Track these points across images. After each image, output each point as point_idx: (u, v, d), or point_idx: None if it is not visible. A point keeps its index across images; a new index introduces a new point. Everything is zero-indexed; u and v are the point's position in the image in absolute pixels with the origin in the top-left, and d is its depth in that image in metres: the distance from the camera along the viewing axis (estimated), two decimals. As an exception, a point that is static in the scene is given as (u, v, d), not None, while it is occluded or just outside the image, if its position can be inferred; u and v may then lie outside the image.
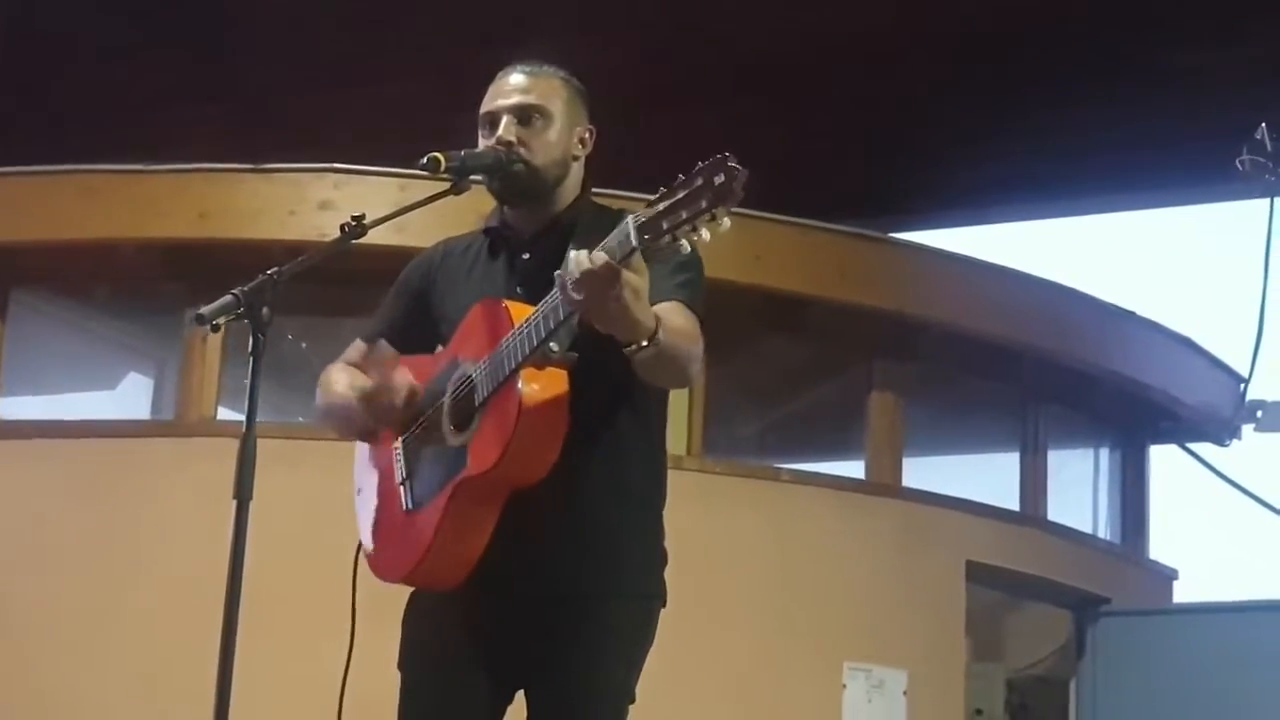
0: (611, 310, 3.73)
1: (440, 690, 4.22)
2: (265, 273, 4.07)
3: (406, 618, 4.31)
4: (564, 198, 4.32)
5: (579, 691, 4.15)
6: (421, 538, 4.17)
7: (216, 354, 8.59)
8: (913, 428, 9.59)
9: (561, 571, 4.15)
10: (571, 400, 4.03)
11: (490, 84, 4.36)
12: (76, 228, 8.85)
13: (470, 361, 4.15)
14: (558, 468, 4.05)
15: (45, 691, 7.82)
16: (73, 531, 8.39)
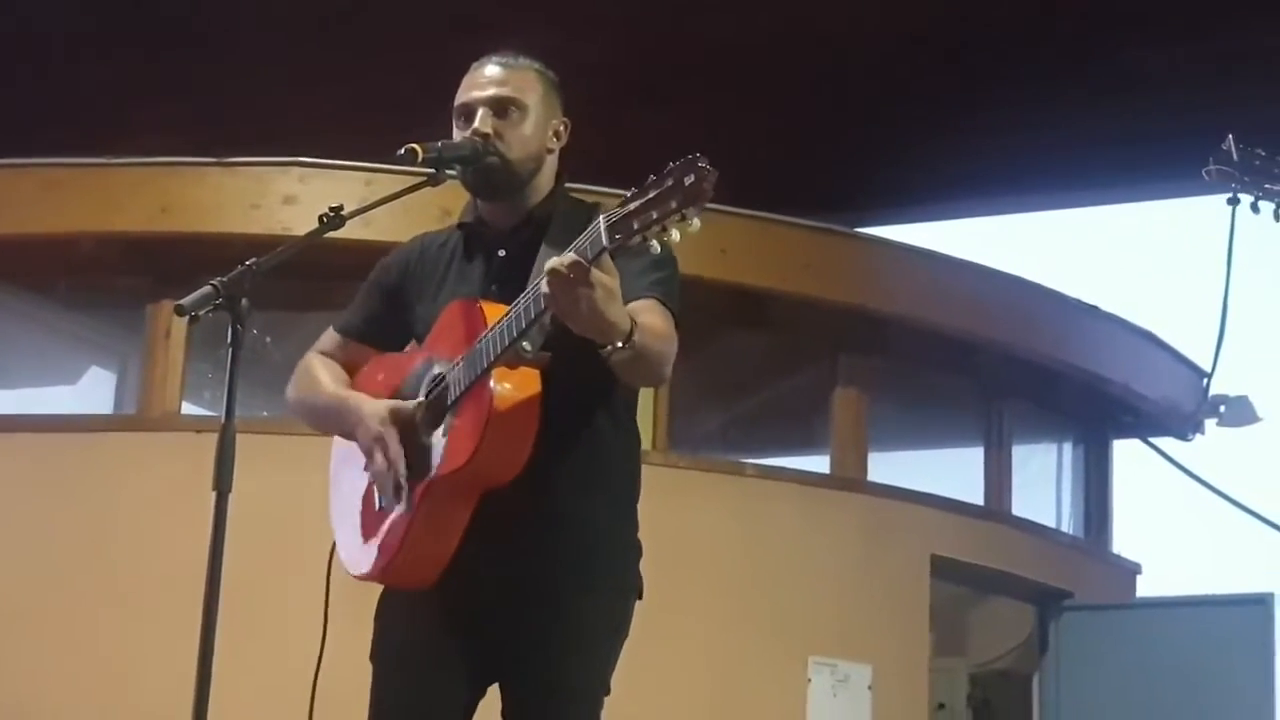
0: (583, 311, 3.73)
1: (413, 684, 4.22)
2: (244, 264, 4.09)
3: (379, 611, 4.32)
4: (539, 191, 4.32)
5: (554, 685, 4.17)
6: (395, 536, 4.19)
7: (180, 349, 8.58)
8: (877, 422, 9.61)
9: (535, 568, 4.16)
10: (545, 399, 4.04)
11: (464, 76, 4.36)
12: (37, 221, 8.83)
13: (444, 361, 4.17)
14: (531, 466, 4.06)
15: (12, 681, 7.81)
16: (36, 525, 8.36)
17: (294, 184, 8.39)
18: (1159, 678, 9.63)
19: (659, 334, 4.00)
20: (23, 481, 8.52)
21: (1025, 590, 10.05)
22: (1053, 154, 11.83)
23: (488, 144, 4.23)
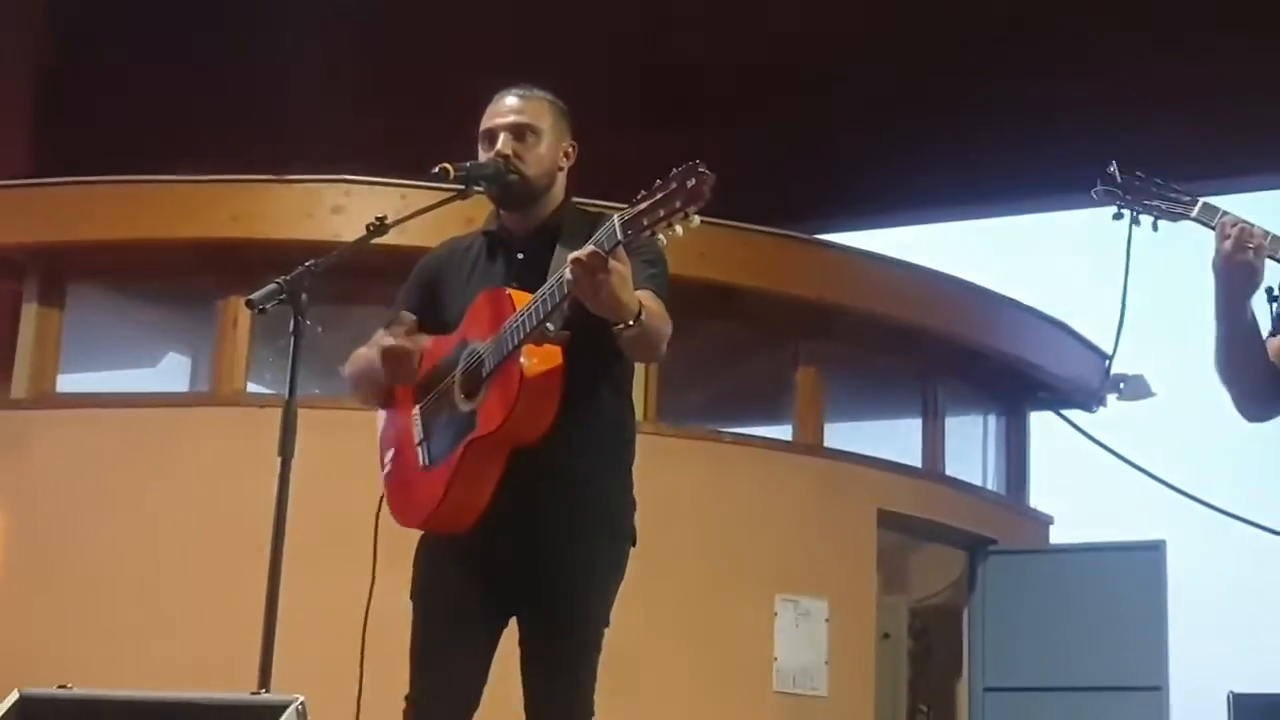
0: (602, 295, 3.78)
1: (447, 617, 4.22)
2: (303, 265, 4.12)
3: (418, 556, 4.32)
4: (551, 203, 4.34)
5: (563, 617, 4.18)
6: (437, 489, 4.19)
7: (246, 336, 8.58)
8: (832, 397, 9.62)
9: (552, 518, 4.17)
10: (565, 371, 4.08)
11: (488, 107, 4.35)
12: (125, 229, 8.84)
13: (478, 341, 4.17)
14: (552, 429, 4.09)
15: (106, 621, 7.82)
16: (123, 487, 8.38)
17: (341, 197, 8.39)
18: (1068, 612, 9.66)
19: (659, 315, 4.03)
20: (111, 450, 8.54)
21: (956, 538, 10.05)
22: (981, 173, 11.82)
23: (509, 163, 4.24)
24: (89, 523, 8.34)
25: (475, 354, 4.16)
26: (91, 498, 8.43)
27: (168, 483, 8.33)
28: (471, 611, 4.21)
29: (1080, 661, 9.49)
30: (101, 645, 7.55)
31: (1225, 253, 3.98)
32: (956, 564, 10.15)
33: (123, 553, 8.20)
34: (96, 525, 8.32)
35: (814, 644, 9.00)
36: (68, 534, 8.36)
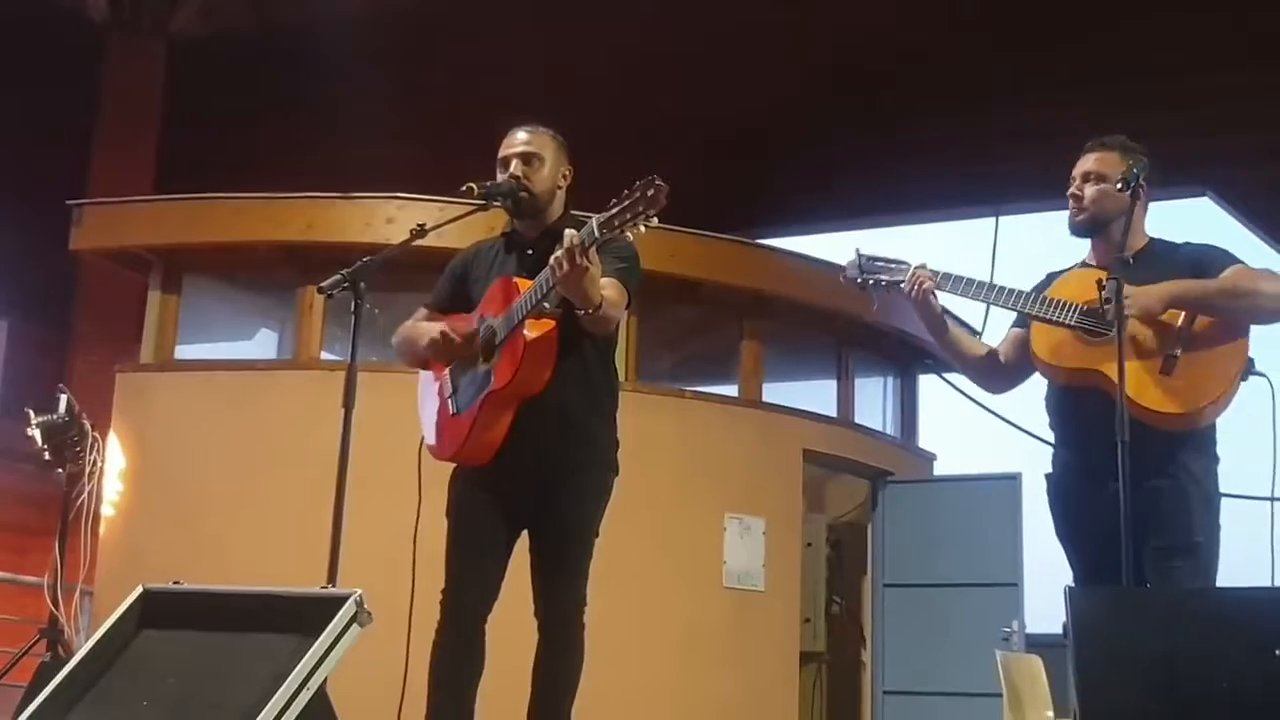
0: (574, 286, 3.86)
1: (474, 529, 4.24)
2: (361, 260, 4.14)
3: (451, 484, 4.34)
4: (553, 213, 4.37)
5: (563, 530, 4.22)
6: (463, 430, 4.22)
7: (319, 316, 8.58)
8: (768, 363, 9.61)
9: (552, 453, 4.19)
10: (557, 339, 4.11)
11: (504, 139, 4.38)
12: (227, 234, 8.87)
13: (493, 317, 4.19)
14: (550, 384, 4.12)
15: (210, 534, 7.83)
16: (228, 432, 8.40)
17: (393, 210, 8.37)
18: (946, 527, 9.67)
19: (614, 303, 4.07)
20: (215, 403, 8.59)
21: (863, 471, 10.05)
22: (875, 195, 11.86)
23: (520, 183, 4.27)
24: (198, 459, 8.39)
25: (490, 327, 4.19)
26: (200, 439, 8.47)
27: (259, 428, 8.36)
28: (493, 526, 4.23)
29: (956, 564, 9.49)
30: (206, 553, 7.55)
31: (911, 298, 4.38)
32: (862, 491, 10.16)
33: (224, 482, 8.23)
34: (204, 461, 8.36)
35: (754, 551, 9.01)
36: (182, 468, 8.40)
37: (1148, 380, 3.93)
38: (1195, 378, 3.95)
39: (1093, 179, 4.16)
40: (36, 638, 6.77)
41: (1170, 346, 3.95)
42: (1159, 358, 3.95)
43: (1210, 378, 3.96)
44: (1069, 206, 4.23)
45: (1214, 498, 4.02)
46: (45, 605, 6.79)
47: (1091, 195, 4.15)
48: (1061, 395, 4.16)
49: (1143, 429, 3.83)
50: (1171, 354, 3.94)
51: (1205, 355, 3.97)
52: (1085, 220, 4.18)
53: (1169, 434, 3.95)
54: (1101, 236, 4.16)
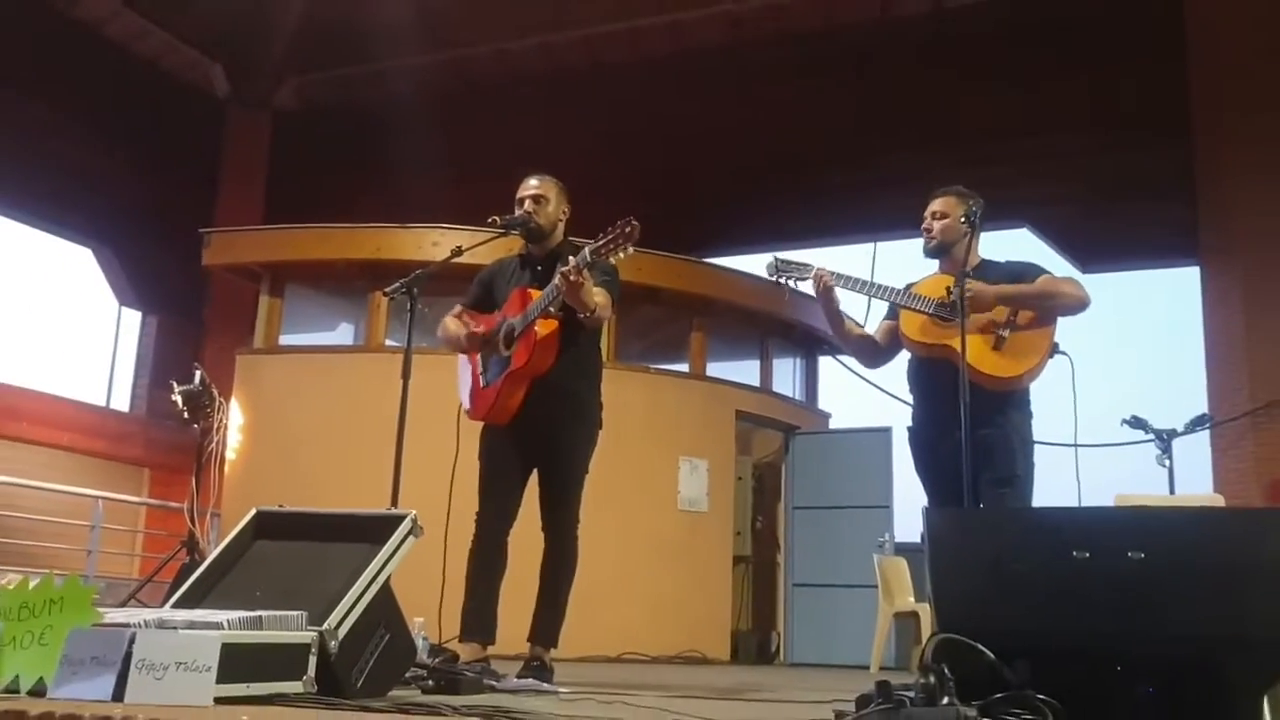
0: (575, 295, 3.84)
1: (498, 468, 4.21)
2: (415, 273, 4.10)
3: (481, 437, 4.30)
4: (556, 239, 4.31)
5: (563, 469, 4.19)
6: (490, 398, 4.18)
7: (384, 314, 8.56)
8: (711, 348, 9.62)
9: (554, 416, 4.15)
10: (559, 333, 4.07)
11: (520, 183, 4.32)
12: (318, 253, 8.89)
13: (513, 317, 4.15)
14: (554, 366, 4.08)
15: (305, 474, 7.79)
16: (315, 398, 8.38)
17: (437, 236, 8.33)
18: (838, 467, 9.69)
19: (604, 307, 4.04)
20: (309, 377, 8.58)
21: (778, 425, 10.06)
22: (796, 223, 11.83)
23: (531, 217, 4.22)
24: (295, 417, 8.38)
25: (510, 325, 4.15)
26: (297, 403, 8.46)
27: (339, 394, 8.33)
28: (512, 466, 4.19)
29: (845, 492, 9.52)
30: (303, 485, 7.52)
31: (817, 292, 4.16)
32: (778, 440, 10.17)
33: (315, 436, 8.21)
34: (300, 418, 8.35)
35: (700, 484, 9.01)
36: (285, 426, 8.38)
37: (985, 353, 3.98)
38: (1018, 353, 4.01)
39: (939, 216, 4.19)
40: (178, 547, 6.74)
41: (1001, 330, 4.01)
42: (993, 337, 4.00)
43: (1028, 353, 4.02)
44: (924, 236, 4.25)
45: (1029, 443, 4.07)
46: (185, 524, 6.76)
47: (939, 228, 4.18)
48: (919, 366, 4.17)
49: (979, 390, 3.89)
50: (1001, 335, 4.01)
51: (1025, 337, 4.02)
52: (935, 246, 4.20)
53: (997, 394, 3.99)
54: (947, 257, 4.18)
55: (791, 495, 9.94)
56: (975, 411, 3.81)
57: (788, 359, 10.77)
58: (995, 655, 2.15)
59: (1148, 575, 2.24)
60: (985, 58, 10.70)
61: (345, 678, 2.63)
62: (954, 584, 2.39)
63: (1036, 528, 2.58)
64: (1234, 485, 9.01)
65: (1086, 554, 2.28)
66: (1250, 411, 9.11)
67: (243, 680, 2.37)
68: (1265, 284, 9.28)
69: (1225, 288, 9.61)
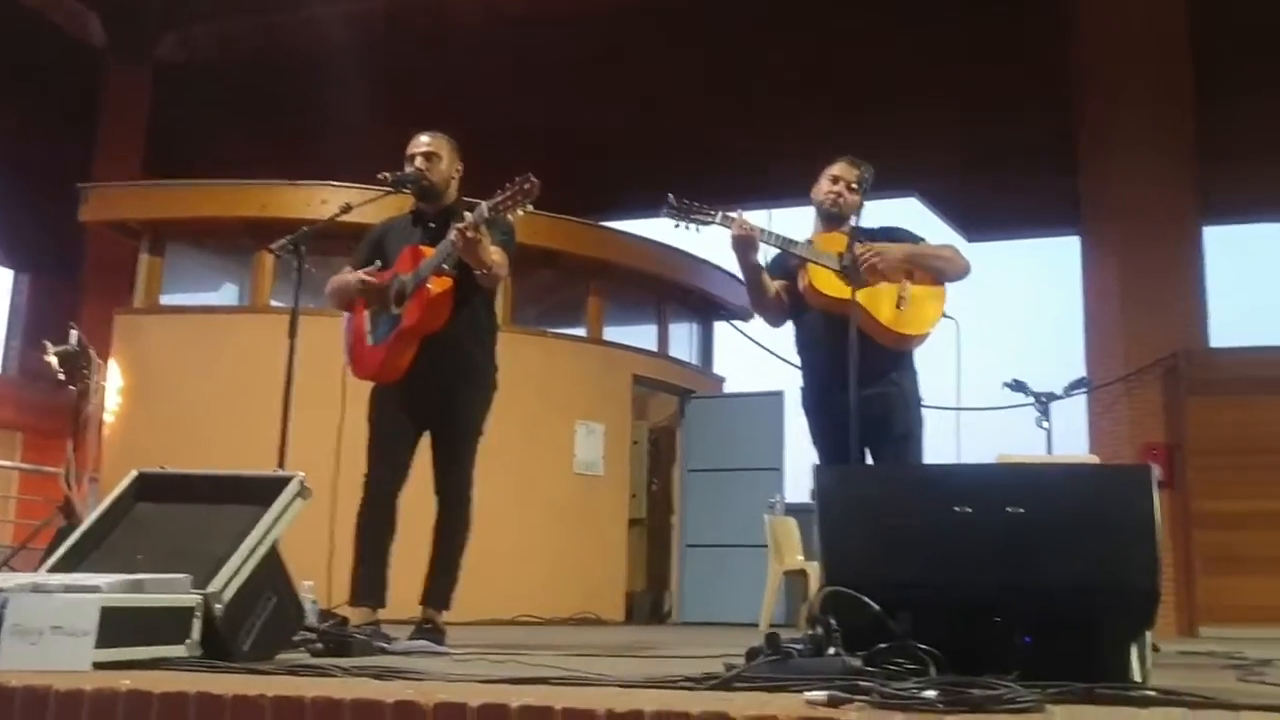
0: (472, 251, 3.79)
1: (388, 429, 4.16)
2: (301, 230, 4.01)
3: (371, 397, 4.24)
4: (449, 198, 4.25)
5: (456, 431, 4.16)
6: (380, 356, 4.13)
7: (270, 272, 8.40)
8: (607, 312, 9.63)
9: (447, 375, 4.11)
10: (453, 291, 4.02)
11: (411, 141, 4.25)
12: (200, 210, 8.66)
13: (404, 274, 4.09)
14: (447, 325, 4.04)
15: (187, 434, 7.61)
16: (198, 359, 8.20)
17: (326, 194, 8.15)
18: (731, 430, 9.81)
19: (501, 265, 4.00)
20: (191, 338, 8.38)
21: (674, 390, 10.14)
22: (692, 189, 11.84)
23: (423, 174, 4.16)
24: (177, 379, 8.18)
25: (402, 282, 4.09)
26: (179, 364, 8.26)
27: (223, 355, 8.14)
28: (402, 426, 4.14)
29: (737, 455, 9.65)
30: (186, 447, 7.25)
31: (735, 237, 4.06)
32: (673, 404, 10.25)
33: (199, 398, 8.02)
34: (182, 380, 8.16)
35: (596, 447, 9.05)
36: (167, 388, 8.17)
37: (890, 311, 4.10)
38: (917, 313, 4.13)
39: (841, 180, 4.25)
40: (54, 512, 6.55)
41: (903, 290, 4.12)
42: (896, 297, 4.10)
43: (930, 313, 4.15)
44: (822, 199, 4.28)
45: (919, 401, 4.18)
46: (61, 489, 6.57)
47: (845, 193, 4.24)
48: (818, 325, 4.16)
49: (879, 349, 4.01)
50: (903, 295, 4.12)
51: (923, 298, 4.15)
52: (835, 208, 4.24)
53: (893, 353, 4.10)
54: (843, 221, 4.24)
55: (686, 458, 10.03)
56: (873, 369, 3.92)
57: (684, 324, 10.83)
58: (880, 607, 2.21)
59: (1026, 529, 2.32)
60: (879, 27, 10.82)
61: (231, 641, 2.59)
62: (841, 539, 2.45)
63: (920, 484, 2.65)
64: (1109, 447, 9.37)
65: (968, 509, 2.35)
66: (1125, 376, 9.47)
67: (124, 645, 2.32)
68: (1141, 253, 9.63)
69: (1103, 256, 9.94)
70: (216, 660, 2.46)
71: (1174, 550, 8.95)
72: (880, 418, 3.99)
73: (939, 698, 1.70)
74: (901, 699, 1.70)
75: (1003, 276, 10.97)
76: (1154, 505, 2.31)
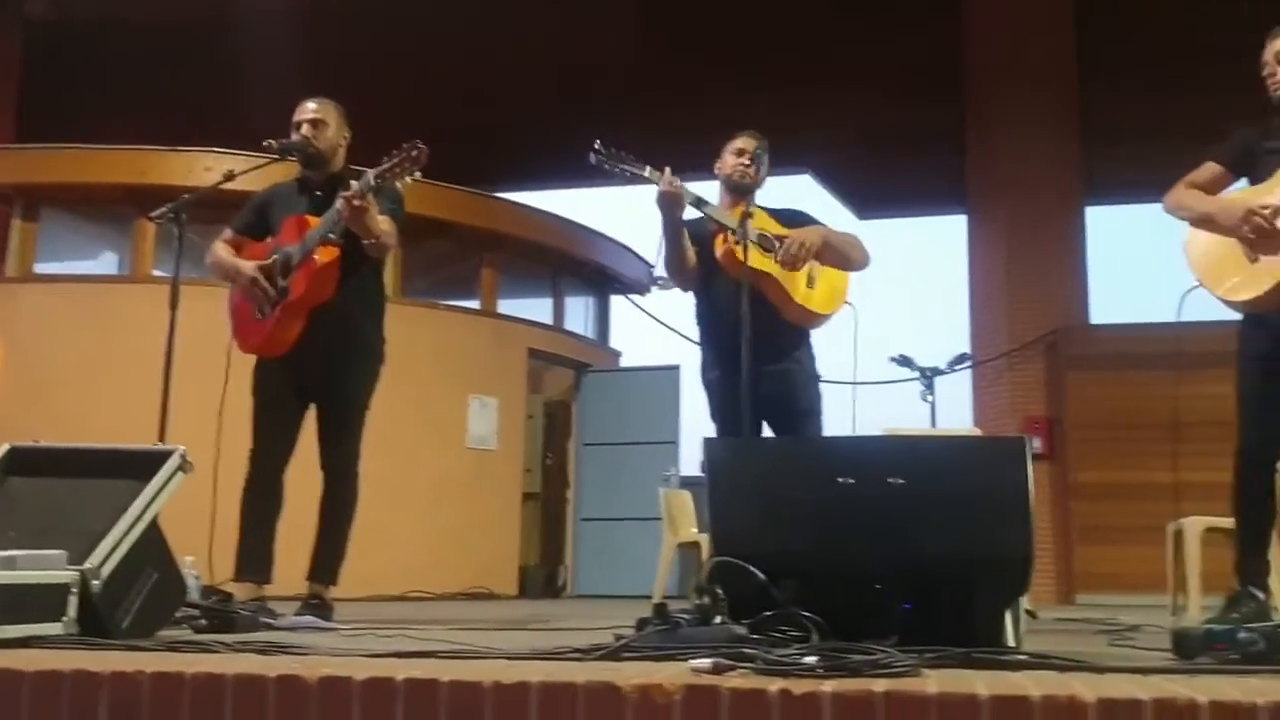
0: (359, 220, 3.74)
1: (273, 403, 4.10)
2: (182, 198, 3.92)
3: (255, 370, 4.17)
4: (336, 165, 4.18)
5: (343, 404, 4.11)
6: (265, 329, 4.06)
7: (151, 241, 8.22)
8: (501, 285, 9.61)
9: (334, 347, 4.06)
10: (340, 262, 3.96)
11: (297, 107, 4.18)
12: (77, 176, 8.43)
13: (289, 245, 4.02)
14: (334, 296, 3.99)
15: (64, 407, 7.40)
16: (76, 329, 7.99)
17: (210, 161, 7.94)
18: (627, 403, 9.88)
19: (389, 234, 3.96)
20: (68, 308, 8.14)
21: (570, 363, 10.17)
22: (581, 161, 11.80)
23: (309, 142, 4.09)
24: (54, 350, 7.95)
25: (287, 254, 4.02)
26: (56, 335, 8.02)
27: (104, 327, 7.92)
28: (288, 400, 4.09)
29: (633, 429, 9.73)
30: (63, 421, 7.08)
31: (662, 193, 4.04)
32: (569, 377, 10.28)
33: (76, 370, 7.82)
34: (59, 351, 7.93)
35: (490, 422, 9.03)
36: (42, 360, 7.92)
37: (804, 289, 4.19)
38: (826, 294, 4.25)
39: (744, 154, 4.29)
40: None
41: (813, 270, 4.22)
42: (807, 277, 4.20)
43: (838, 292, 4.28)
44: (730, 172, 4.30)
45: (818, 378, 4.30)
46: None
47: (745, 163, 4.28)
48: (724, 300, 4.14)
49: (787, 326, 4.13)
50: (813, 275, 4.23)
51: (831, 278, 4.27)
52: (744, 179, 4.28)
53: (798, 332, 4.22)
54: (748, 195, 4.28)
55: (581, 432, 10.07)
56: (780, 346, 4.06)
57: (580, 297, 10.86)
58: (765, 576, 2.26)
59: (906, 500, 2.40)
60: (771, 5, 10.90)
61: (110, 618, 2.53)
62: (730, 510, 2.50)
63: (806, 456, 2.71)
64: (992, 421, 9.67)
65: (851, 480, 2.42)
66: (1008, 352, 9.77)
67: (-5, 623, 2.25)
68: (1025, 233, 9.93)
69: (990, 236, 10.23)
70: (94, 638, 2.41)
71: (1053, 520, 9.30)
72: (784, 395, 4.11)
73: (819, 664, 1.75)
74: (783, 665, 1.75)
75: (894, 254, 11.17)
76: (1028, 476, 2.40)
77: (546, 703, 1.65)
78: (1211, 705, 1.56)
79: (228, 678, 1.75)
